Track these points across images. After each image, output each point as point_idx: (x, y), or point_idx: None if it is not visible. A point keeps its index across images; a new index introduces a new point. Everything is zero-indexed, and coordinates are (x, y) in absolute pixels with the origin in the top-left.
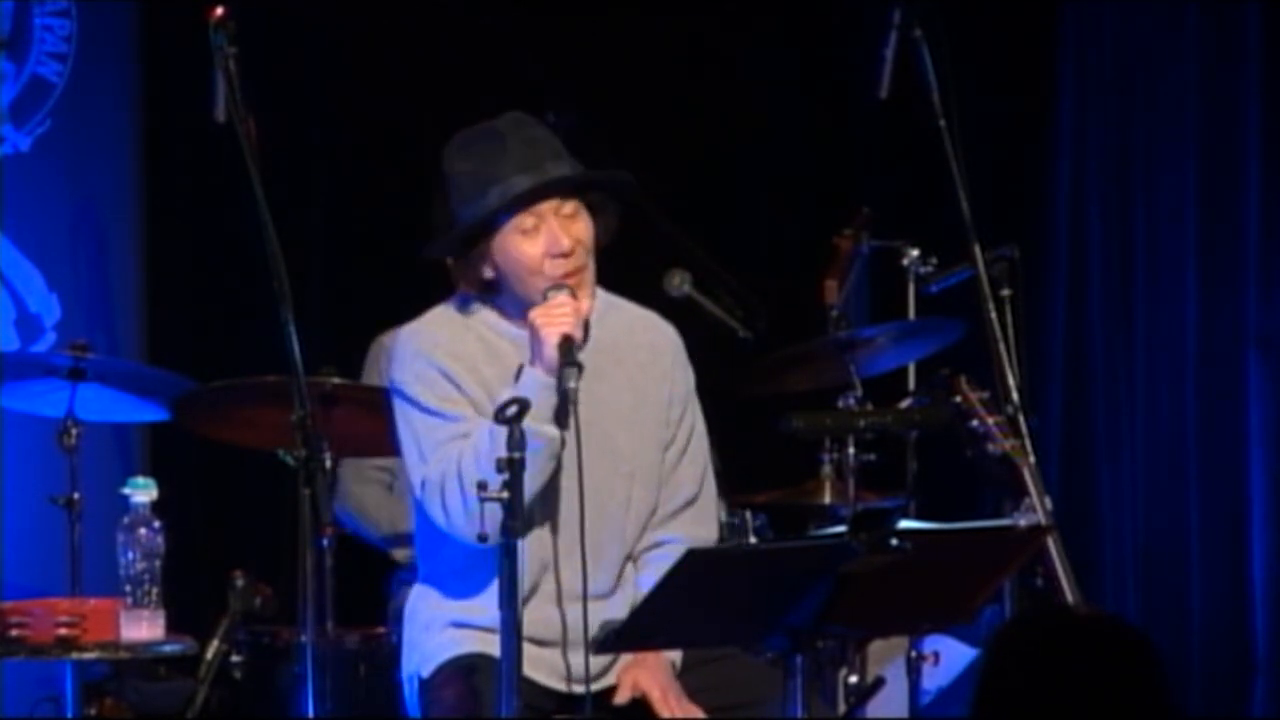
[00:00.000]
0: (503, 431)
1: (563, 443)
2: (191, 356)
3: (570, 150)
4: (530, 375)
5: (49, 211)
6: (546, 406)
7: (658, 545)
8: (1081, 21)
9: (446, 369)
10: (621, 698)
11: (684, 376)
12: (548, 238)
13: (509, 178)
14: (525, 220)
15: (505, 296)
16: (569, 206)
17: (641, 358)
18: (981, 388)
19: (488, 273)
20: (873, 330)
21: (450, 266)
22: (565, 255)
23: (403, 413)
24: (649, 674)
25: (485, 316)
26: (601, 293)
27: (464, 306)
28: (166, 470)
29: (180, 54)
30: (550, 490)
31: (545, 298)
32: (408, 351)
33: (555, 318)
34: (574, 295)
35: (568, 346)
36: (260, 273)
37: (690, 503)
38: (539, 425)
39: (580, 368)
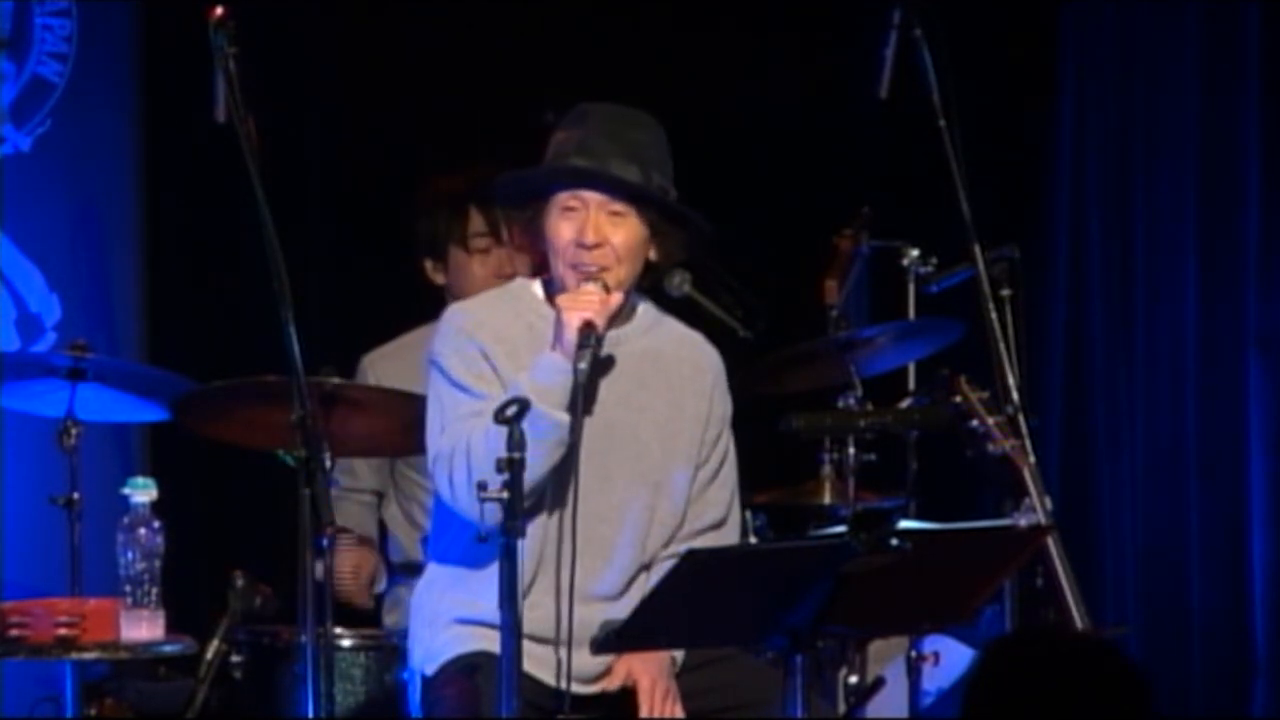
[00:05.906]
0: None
1: (574, 429)
2: (191, 356)
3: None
4: (548, 358)
5: (49, 211)
6: (562, 391)
7: (674, 556)
8: (1081, 21)
9: (486, 348)
10: (613, 683)
11: (723, 399)
12: (580, 224)
13: (569, 156)
14: (571, 200)
15: (554, 278)
16: (619, 206)
17: (685, 371)
18: (981, 388)
19: (541, 245)
20: (873, 330)
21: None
22: (588, 248)
23: (434, 384)
24: (643, 664)
25: (534, 301)
26: (653, 308)
27: (517, 291)
28: (166, 470)
29: (180, 54)
30: (558, 484)
31: (576, 286)
32: (452, 327)
33: (580, 303)
34: (606, 290)
35: (587, 333)
36: (260, 273)
37: (716, 526)
38: (549, 409)
39: (597, 353)
